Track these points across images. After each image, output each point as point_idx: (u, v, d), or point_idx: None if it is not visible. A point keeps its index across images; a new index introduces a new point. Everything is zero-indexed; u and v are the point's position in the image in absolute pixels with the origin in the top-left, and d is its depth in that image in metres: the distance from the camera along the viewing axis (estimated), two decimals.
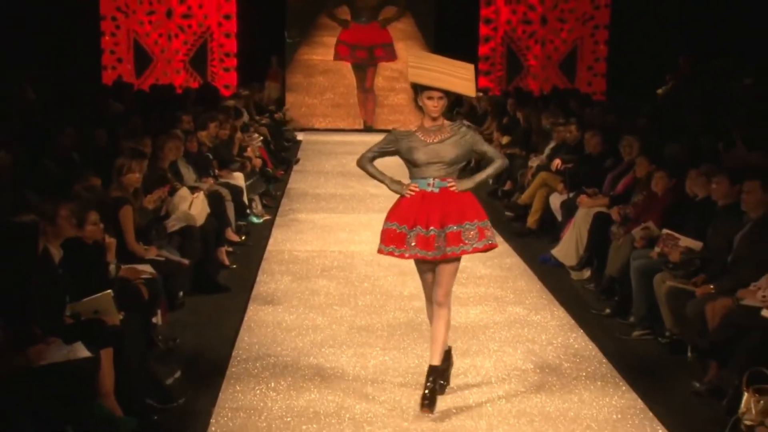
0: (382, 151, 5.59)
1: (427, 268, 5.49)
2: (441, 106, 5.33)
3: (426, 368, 5.46)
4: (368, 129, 18.97)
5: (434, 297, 5.49)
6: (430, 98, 5.31)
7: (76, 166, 7.80)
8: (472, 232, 5.32)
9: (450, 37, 18.58)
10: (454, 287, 5.67)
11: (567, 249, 8.66)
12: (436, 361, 5.45)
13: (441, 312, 5.46)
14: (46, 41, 16.10)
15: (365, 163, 5.62)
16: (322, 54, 19.00)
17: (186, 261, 7.37)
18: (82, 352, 4.75)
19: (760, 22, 15.99)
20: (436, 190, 5.36)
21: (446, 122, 5.44)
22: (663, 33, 17.26)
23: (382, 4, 18.97)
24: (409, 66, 5.40)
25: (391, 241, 5.40)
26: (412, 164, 5.41)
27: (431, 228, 5.30)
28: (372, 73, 19.11)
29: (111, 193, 6.90)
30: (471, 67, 5.39)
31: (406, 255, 5.39)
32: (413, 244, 5.33)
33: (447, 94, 5.33)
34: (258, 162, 11.86)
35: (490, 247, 5.44)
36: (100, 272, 5.92)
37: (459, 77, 5.33)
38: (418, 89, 5.36)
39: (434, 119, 5.38)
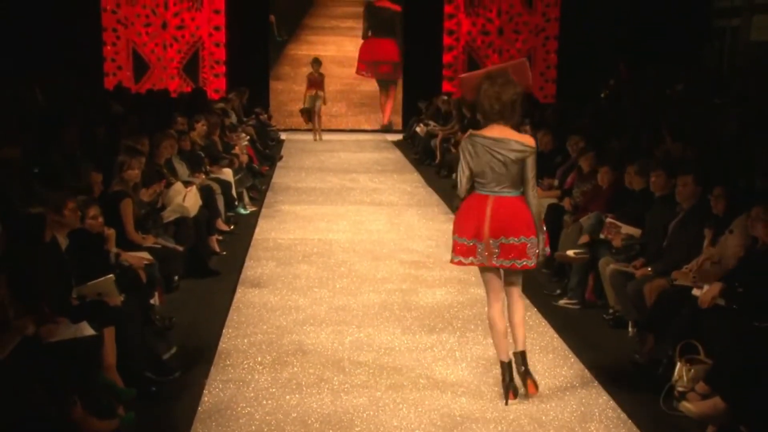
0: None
1: None
2: None
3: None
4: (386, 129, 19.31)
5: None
6: None
7: (79, 161, 7.71)
8: None
9: (417, 46, 18.64)
10: (422, 271, 5.41)
11: None
12: (524, 346, 5.06)
13: None
14: (55, 50, 15.92)
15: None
16: (305, 50, 19.04)
17: (180, 247, 7.33)
18: (87, 330, 4.72)
19: (691, 36, 16.13)
20: None
21: None
22: (606, 43, 17.34)
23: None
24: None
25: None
26: None
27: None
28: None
29: (112, 187, 6.84)
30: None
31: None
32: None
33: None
34: (245, 159, 11.80)
35: None
36: (103, 259, 5.87)
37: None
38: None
39: None
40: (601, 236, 6.99)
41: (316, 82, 17.32)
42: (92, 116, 10.26)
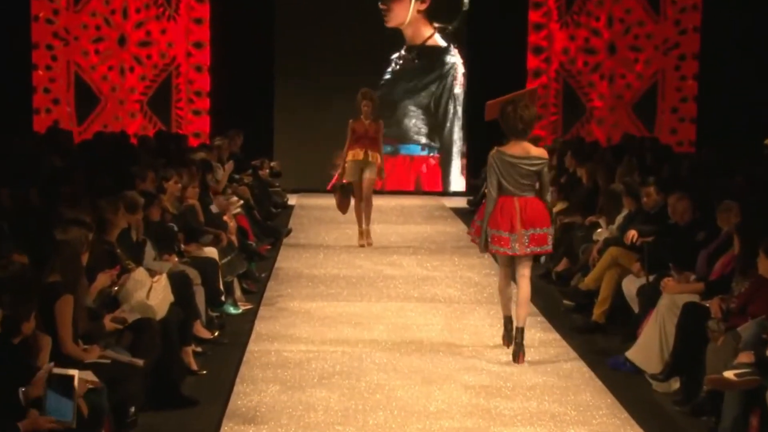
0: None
1: None
2: None
3: None
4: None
5: None
6: None
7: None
8: None
9: (486, 72, 18.49)
10: (497, 401, 7.54)
11: (647, 351, 8.58)
12: (522, 324, 8.85)
13: None
14: None
15: None
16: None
17: (140, 363, 7.32)
18: None
19: None
20: None
21: None
22: None
23: None
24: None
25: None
26: None
27: None
28: None
29: (46, 276, 6.87)
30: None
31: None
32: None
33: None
34: (235, 229, 11.86)
35: None
36: (27, 381, 5.87)
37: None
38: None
39: None
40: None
41: (365, 134, 14.07)
42: (17, 173, 10.41)
